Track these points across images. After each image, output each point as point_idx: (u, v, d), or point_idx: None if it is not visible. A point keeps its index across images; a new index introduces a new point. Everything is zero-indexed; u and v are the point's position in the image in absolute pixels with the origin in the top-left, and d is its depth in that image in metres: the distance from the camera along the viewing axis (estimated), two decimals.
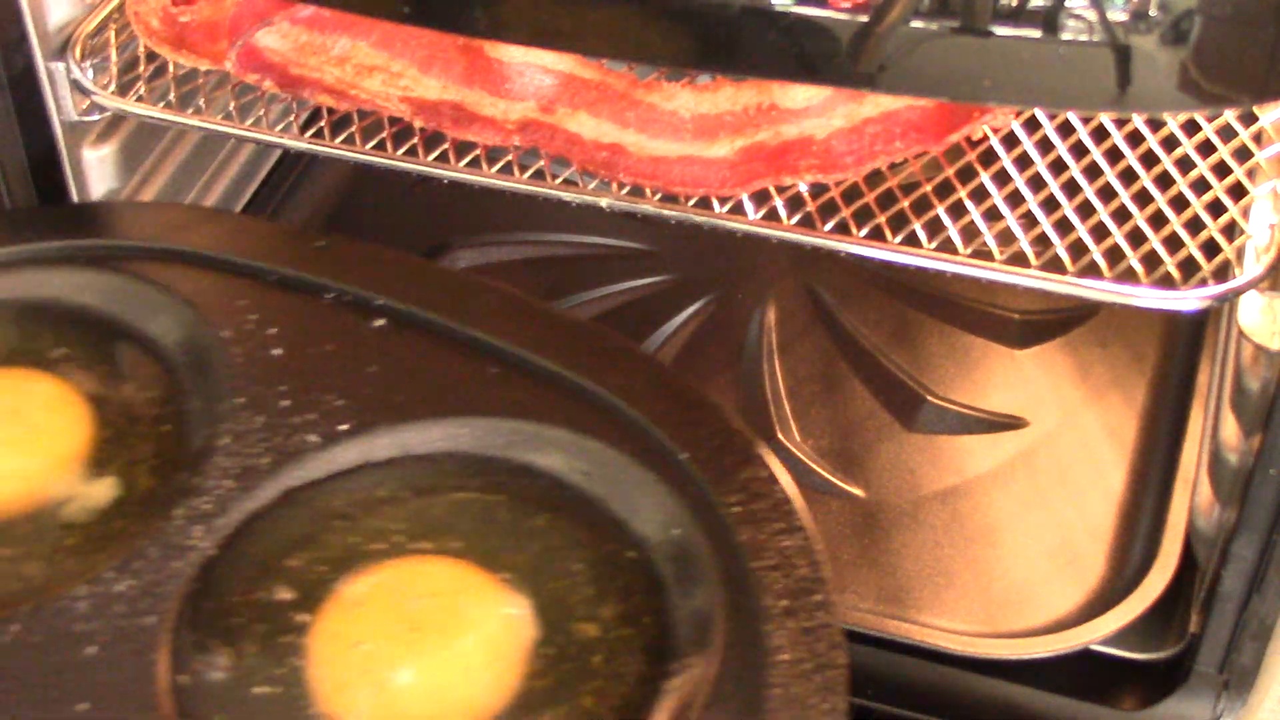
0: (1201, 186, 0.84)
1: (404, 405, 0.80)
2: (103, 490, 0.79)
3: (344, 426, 0.79)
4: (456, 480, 0.79)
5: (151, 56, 0.95)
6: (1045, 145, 0.88)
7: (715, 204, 0.86)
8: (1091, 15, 0.62)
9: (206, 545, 0.74)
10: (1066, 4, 0.62)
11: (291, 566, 0.75)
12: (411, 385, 0.82)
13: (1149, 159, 0.86)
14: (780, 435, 1.03)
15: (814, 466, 1.01)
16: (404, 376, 0.83)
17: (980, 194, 0.85)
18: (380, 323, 0.85)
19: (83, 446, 0.80)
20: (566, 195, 0.88)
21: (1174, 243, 0.82)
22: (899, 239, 0.83)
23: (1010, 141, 0.88)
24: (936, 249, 0.83)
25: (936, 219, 0.84)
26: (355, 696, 0.70)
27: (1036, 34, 0.63)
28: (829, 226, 0.84)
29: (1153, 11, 0.61)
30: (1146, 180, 0.85)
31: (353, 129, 0.92)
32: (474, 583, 0.74)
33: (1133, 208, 0.84)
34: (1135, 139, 0.88)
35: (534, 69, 0.91)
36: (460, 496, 0.79)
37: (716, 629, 0.71)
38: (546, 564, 0.76)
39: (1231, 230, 0.82)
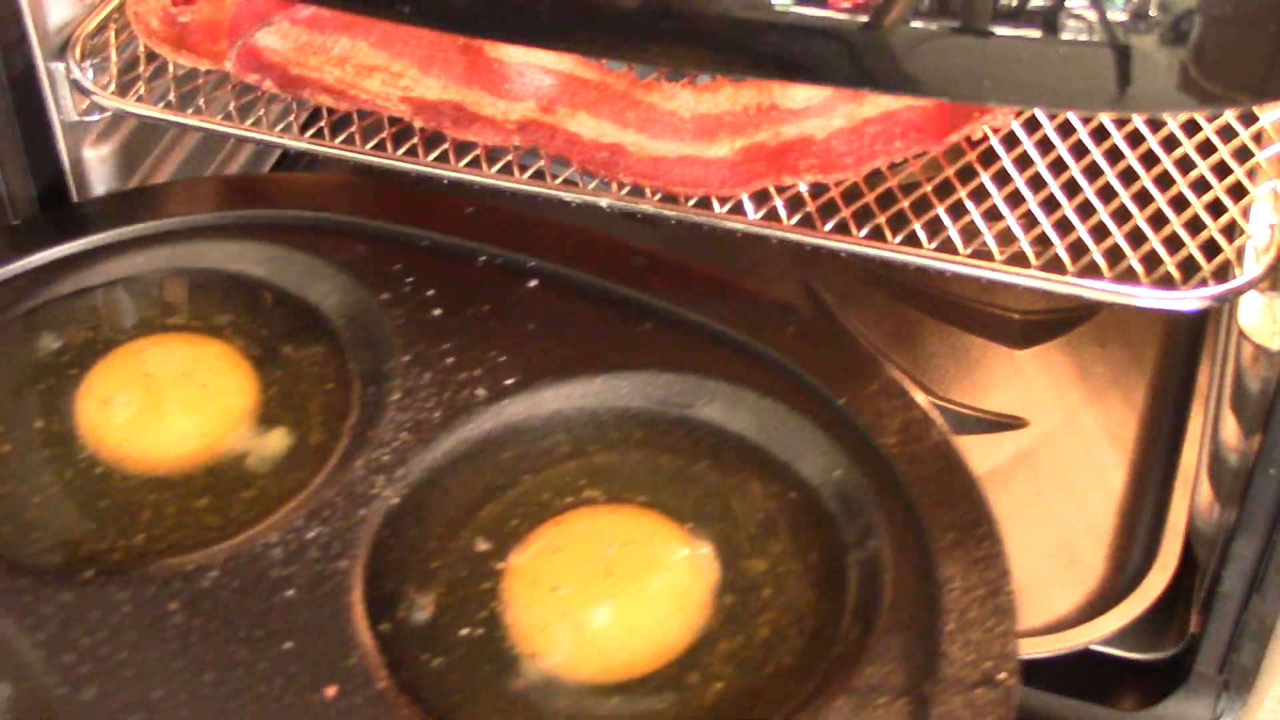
0: (1201, 186, 0.84)
1: (565, 361, 0.85)
2: (276, 445, 0.84)
3: (509, 381, 0.84)
4: (620, 432, 0.84)
5: (151, 56, 0.95)
6: (1045, 145, 0.88)
7: (715, 204, 0.86)
8: (1091, 15, 0.62)
9: (389, 495, 0.79)
10: (1066, 4, 0.62)
11: (482, 517, 0.80)
12: (570, 342, 0.87)
13: (1149, 159, 0.86)
14: None
15: None
16: (562, 333, 0.87)
17: (980, 194, 0.85)
18: (533, 283, 0.89)
19: (253, 405, 0.86)
20: (566, 195, 0.88)
21: (1174, 243, 0.82)
22: (899, 239, 0.83)
23: (1010, 141, 0.88)
24: (936, 249, 0.83)
25: (936, 219, 0.84)
26: (556, 637, 0.75)
27: (1036, 34, 0.63)
28: (829, 226, 0.84)
29: (1153, 11, 0.61)
30: (1146, 180, 0.85)
31: (353, 129, 0.92)
32: (659, 529, 0.79)
33: (1133, 208, 0.84)
34: (1135, 139, 0.88)
35: (534, 69, 0.91)
36: (625, 447, 0.84)
37: (886, 562, 0.75)
38: (714, 507, 0.80)
39: (1231, 230, 0.82)
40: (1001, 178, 0.86)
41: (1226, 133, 0.87)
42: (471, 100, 0.91)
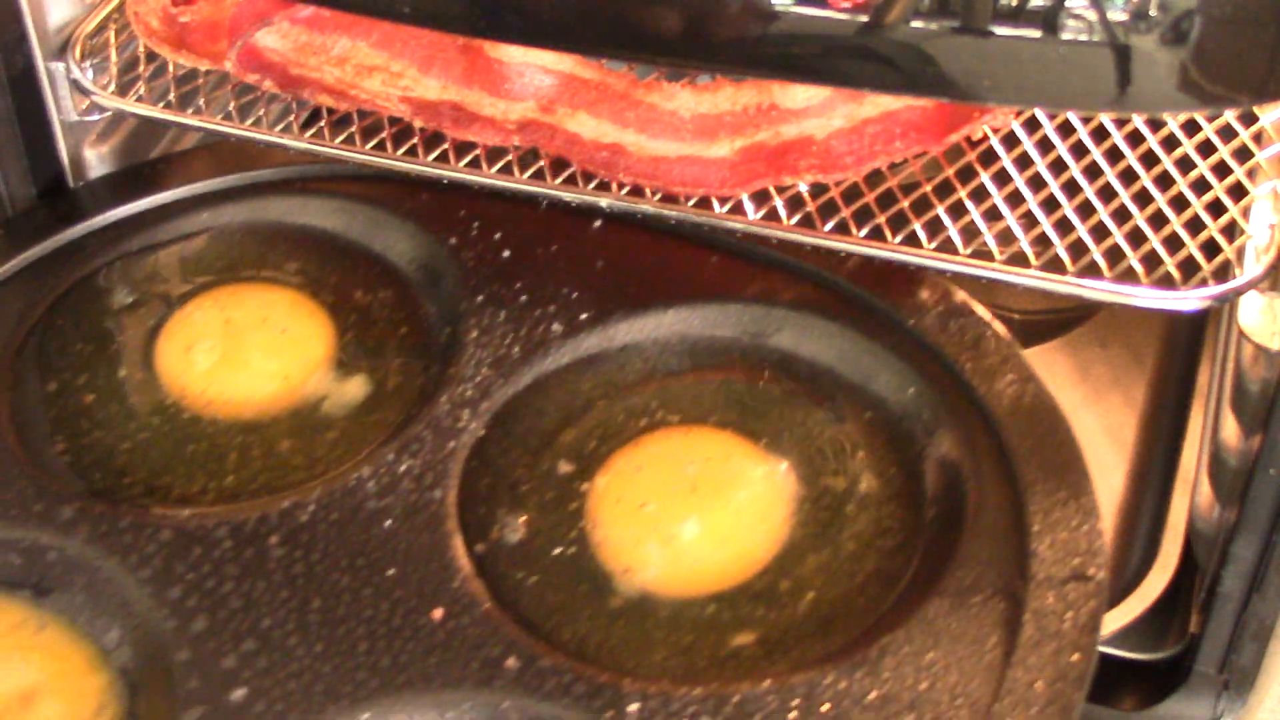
0: (1201, 186, 0.84)
1: (636, 294, 0.87)
2: (355, 388, 0.87)
3: (584, 316, 0.87)
4: (692, 360, 0.87)
5: (151, 56, 0.95)
6: (1045, 145, 0.88)
7: (715, 204, 0.86)
8: (1091, 15, 0.62)
9: (475, 427, 0.82)
10: (1066, 4, 0.62)
11: (564, 442, 0.84)
12: (639, 276, 0.89)
13: (1149, 159, 0.86)
14: None
15: None
16: (631, 269, 0.89)
17: (980, 194, 0.85)
18: (598, 223, 0.91)
19: (330, 350, 0.89)
20: (566, 195, 0.88)
21: (1174, 243, 0.82)
22: (899, 239, 0.83)
23: (1010, 141, 0.88)
24: (936, 249, 0.83)
25: (936, 219, 0.84)
26: (646, 552, 0.77)
27: (1036, 34, 0.63)
28: (829, 226, 0.84)
29: (1153, 11, 0.61)
30: (1146, 180, 0.85)
31: (353, 129, 0.92)
32: (736, 446, 0.82)
33: (1133, 208, 0.84)
34: (1135, 139, 0.88)
35: (534, 69, 0.91)
36: (698, 374, 0.87)
37: (967, 472, 0.79)
38: (789, 428, 0.83)
39: (1231, 230, 0.82)
40: (1001, 178, 0.86)
41: (1226, 133, 0.87)
42: (471, 100, 0.91)
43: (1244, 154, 0.86)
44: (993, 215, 0.85)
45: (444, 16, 0.74)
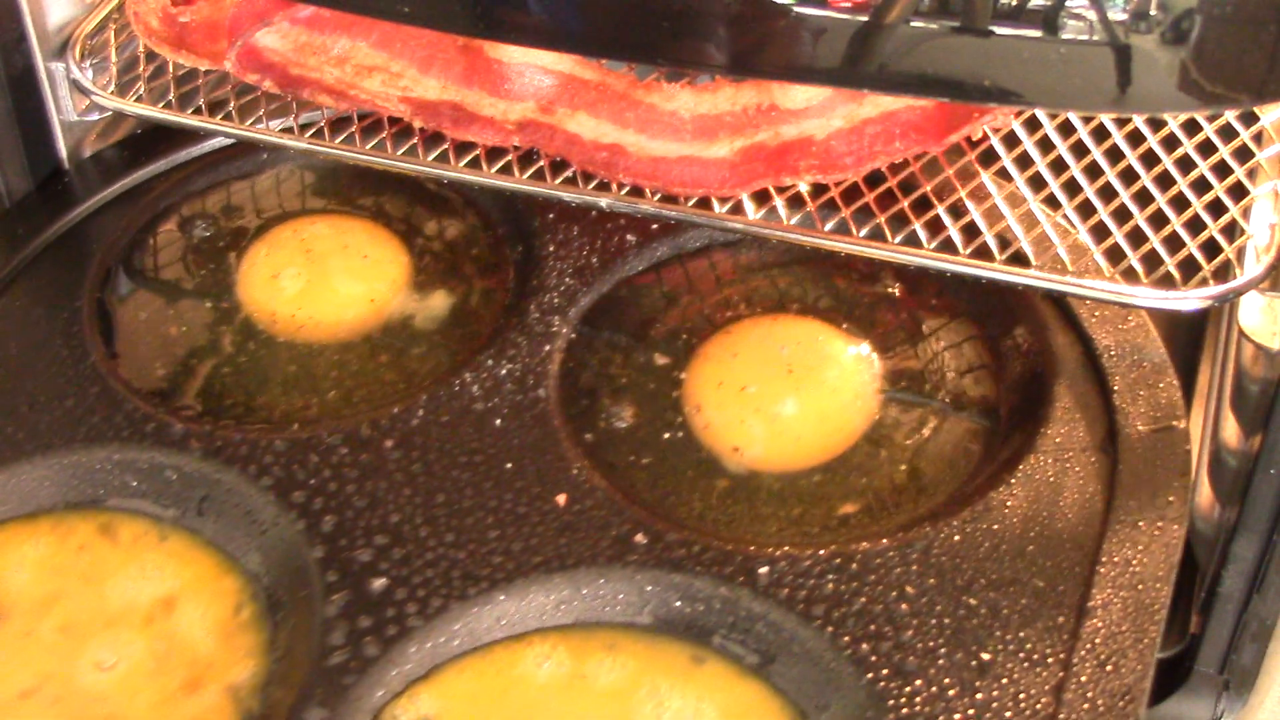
0: (1202, 186, 0.84)
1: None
2: (438, 304, 0.93)
3: (654, 227, 0.93)
4: (760, 259, 0.93)
5: (151, 56, 0.95)
6: (1045, 145, 0.88)
7: (715, 204, 0.86)
8: (1091, 15, 0.62)
9: (566, 330, 0.88)
10: (1066, 4, 0.62)
11: (654, 337, 0.90)
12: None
13: (1149, 159, 0.86)
14: None
15: None
16: None
17: (980, 194, 0.85)
18: None
19: (408, 272, 0.94)
20: (566, 195, 0.88)
21: (1174, 243, 0.82)
22: (899, 239, 0.83)
23: (1010, 141, 0.88)
24: (936, 249, 0.83)
25: (936, 219, 0.84)
26: (751, 431, 0.83)
27: (1036, 34, 0.63)
28: (829, 226, 0.84)
29: (1153, 11, 0.61)
30: (1146, 180, 0.85)
31: (353, 129, 0.91)
32: (821, 330, 0.88)
33: (1133, 208, 0.84)
34: (1135, 139, 0.88)
35: (533, 69, 0.91)
36: (770, 271, 0.93)
37: (1043, 344, 0.84)
38: (866, 314, 0.88)
39: (1232, 230, 0.81)
40: (1001, 177, 0.86)
41: (1226, 133, 0.87)
42: (471, 100, 0.91)
43: (1244, 154, 0.86)
44: (993, 215, 0.85)
45: (444, 16, 0.74)
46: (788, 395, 0.84)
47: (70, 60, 0.95)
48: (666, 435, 0.85)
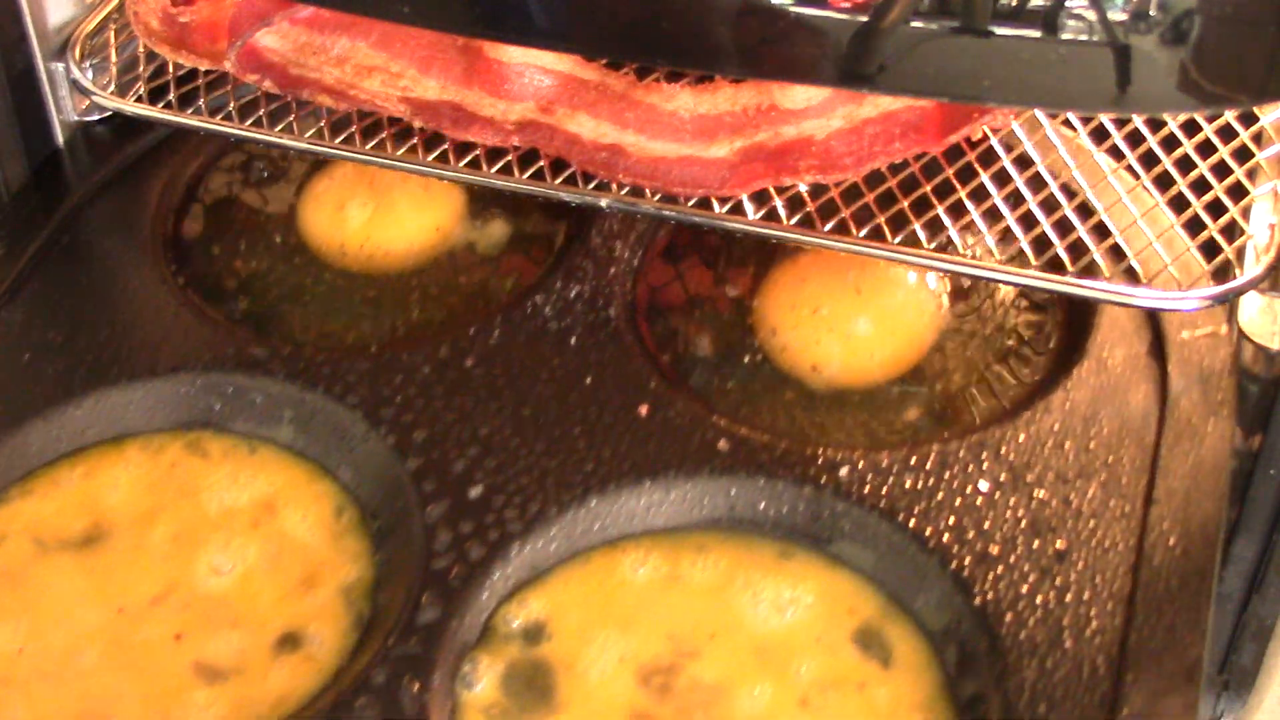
0: (1201, 187, 0.84)
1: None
2: (498, 231, 0.96)
3: None
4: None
5: (151, 56, 0.95)
6: (1045, 145, 0.88)
7: (715, 204, 0.86)
8: (1091, 15, 0.62)
9: (632, 258, 0.91)
10: (1066, 4, 0.62)
11: (720, 270, 0.93)
12: None
13: (1149, 159, 0.86)
14: None
15: None
16: None
17: (980, 194, 0.85)
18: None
19: (467, 202, 0.97)
20: (566, 195, 0.88)
21: (1174, 243, 0.82)
22: (899, 239, 0.83)
23: (1010, 142, 0.88)
24: (936, 249, 0.83)
25: (936, 219, 0.84)
26: (828, 349, 0.87)
27: (1036, 34, 0.63)
28: (829, 226, 0.84)
29: (1153, 11, 0.61)
30: (1146, 180, 0.85)
31: (353, 129, 0.91)
32: None
33: (1133, 208, 0.84)
34: (1135, 139, 0.88)
35: (533, 69, 0.91)
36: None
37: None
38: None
39: (1231, 230, 0.82)
40: (1001, 178, 0.86)
41: (1226, 133, 0.87)
42: (471, 101, 0.91)
43: (1244, 154, 0.86)
44: (993, 215, 0.85)
45: (444, 16, 0.74)
46: (859, 315, 0.88)
47: (70, 60, 0.95)
48: (747, 359, 0.89)
